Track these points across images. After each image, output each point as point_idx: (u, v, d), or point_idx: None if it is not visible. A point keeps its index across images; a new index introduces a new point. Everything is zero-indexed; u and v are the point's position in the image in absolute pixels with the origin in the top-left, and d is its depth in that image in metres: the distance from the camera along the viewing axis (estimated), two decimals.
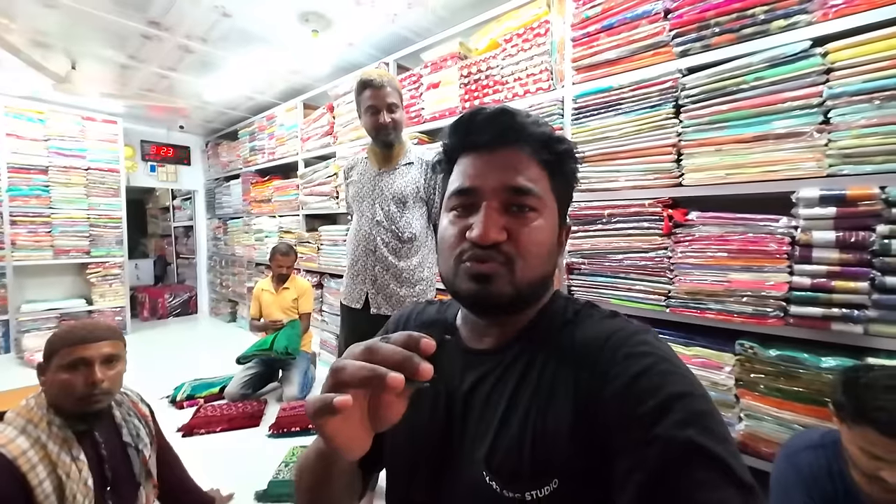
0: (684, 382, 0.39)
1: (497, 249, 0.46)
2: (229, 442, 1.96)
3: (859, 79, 1.07)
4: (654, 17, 1.39)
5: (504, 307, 0.48)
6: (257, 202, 3.71)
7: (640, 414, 0.37)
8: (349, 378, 0.32)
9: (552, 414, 0.43)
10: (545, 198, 0.49)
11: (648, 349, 0.42)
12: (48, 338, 0.96)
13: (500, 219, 0.47)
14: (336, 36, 2.32)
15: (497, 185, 0.47)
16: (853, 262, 1.08)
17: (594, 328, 0.47)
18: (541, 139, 0.49)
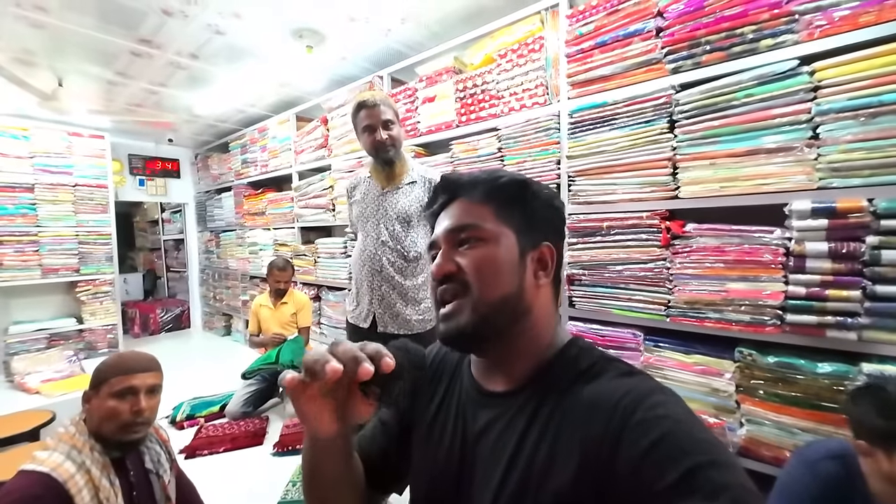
0: (705, 449, 0.37)
1: (452, 280, 0.52)
2: (233, 462, 1.95)
3: (845, 96, 1.12)
4: (647, 35, 1.43)
5: (470, 336, 0.51)
6: (251, 215, 3.68)
7: (661, 488, 0.36)
8: (341, 354, 0.41)
9: (556, 467, 0.44)
10: (489, 228, 0.53)
11: (663, 412, 0.40)
12: (97, 366, 1.03)
13: (451, 255, 0.54)
14: (329, 50, 2.33)
15: (443, 232, 0.56)
16: (845, 272, 1.12)
17: (607, 385, 0.46)
18: (472, 183, 0.56)
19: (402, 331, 1.40)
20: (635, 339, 1.51)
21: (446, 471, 0.54)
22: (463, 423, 0.55)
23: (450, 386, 0.61)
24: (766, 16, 1.22)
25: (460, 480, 0.53)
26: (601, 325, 1.60)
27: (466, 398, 0.57)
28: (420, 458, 0.59)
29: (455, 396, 0.59)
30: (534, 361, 0.53)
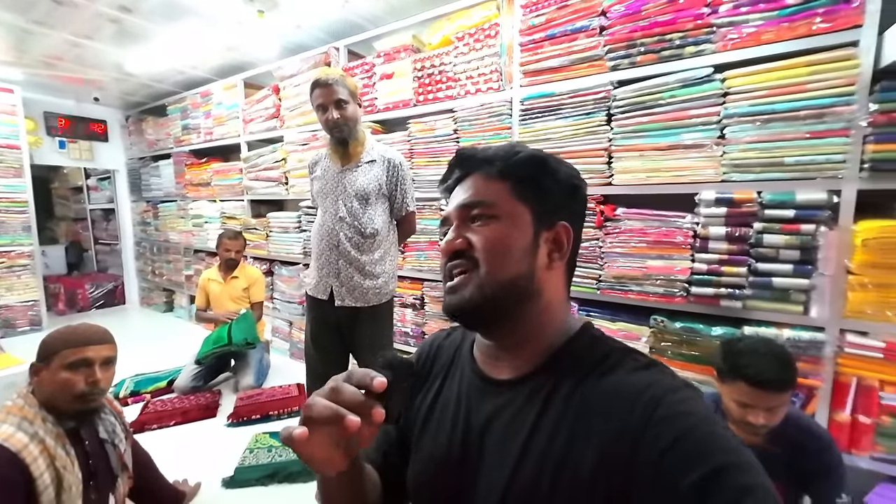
0: (728, 449, 0.36)
1: (463, 256, 0.51)
2: (186, 435, 1.95)
3: (747, 103, 1.31)
4: (591, 32, 1.55)
5: (474, 312, 0.50)
6: (194, 185, 3.48)
7: (683, 488, 0.35)
8: (316, 416, 0.39)
9: (572, 460, 0.42)
10: (503, 204, 0.51)
11: (686, 409, 0.40)
12: (44, 339, 1.01)
13: (462, 231, 0.52)
14: (283, 16, 2.24)
15: (456, 207, 0.54)
16: (737, 252, 1.35)
17: (627, 378, 0.44)
18: (487, 159, 0.54)
19: (359, 303, 1.47)
20: (571, 309, 1.70)
21: (448, 461, 0.53)
22: (466, 413, 0.53)
23: (447, 375, 0.60)
24: (690, 25, 1.38)
25: (464, 470, 0.51)
26: None
27: (469, 386, 0.55)
28: (418, 451, 0.58)
29: (455, 386, 0.57)
30: (543, 347, 0.51)
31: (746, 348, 1.02)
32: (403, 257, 2.20)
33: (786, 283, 1.29)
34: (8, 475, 0.85)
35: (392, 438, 0.63)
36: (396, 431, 0.62)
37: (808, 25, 1.22)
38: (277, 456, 1.72)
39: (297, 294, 2.79)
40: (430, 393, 0.60)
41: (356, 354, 1.60)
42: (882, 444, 1.23)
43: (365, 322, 1.50)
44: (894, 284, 1.17)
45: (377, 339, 1.54)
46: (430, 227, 2.07)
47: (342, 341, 1.55)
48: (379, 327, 1.55)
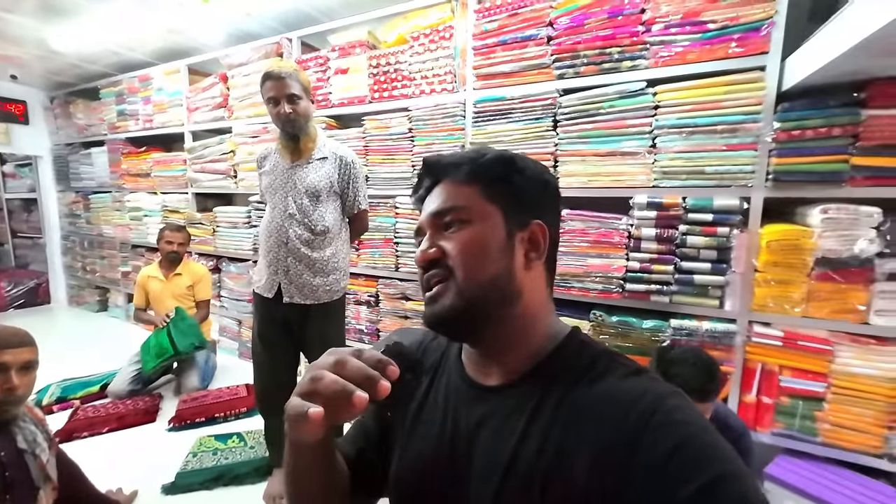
0: (725, 459, 0.37)
1: (438, 265, 0.50)
2: (122, 441, 1.84)
3: (673, 116, 1.44)
4: (540, 41, 1.62)
5: (456, 321, 0.49)
6: (132, 175, 3.25)
7: (682, 498, 0.35)
8: (323, 389, 0.37)
9: (563, 468, 0.42)
10: (474, 207, 0.51)
11: (683, 417, 0.39)
12: None
13: (435, 240, 0.51)
14: (231, 3, 2.14)
15: (427, 217, 0.53)
16: (665, 252, 1.48)
17: (619, 384, 0.44)
18: (455, 164, 0.53)
19: (308, 301, 1.46)
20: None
21: (436, 467, 0.52)
22: (454, 419, 0.52)
23: (435, 379, 0.58)
24: (627, 41, 1.48)
25: (452, 477, 0.50)
26: None
27: (457, 392, 0.54)
28: (404, 453, 0.56)
29: (442, 389, 0.56)
30: (531, 353, 0.50)
31: (677, 357, 1.12)
32: (358, 254, 2.19)
33: (704, 279, 1.44)
34: None
35: (371, 436, 0.61)
36: (376, 430, 0.61)
37: (726, 49, 1.36)
38: (223, 458, 1.68)
39: (245, 292, 2.69)
40: (417, 394, 0.58)
41: (306, 352, 1.58)
42: (781, 421, 1.41)
43: (316, 319, 1.49)
44: (792, 281, 1.34)
45: (329, 336, 1.53)
46: (385, 225, 2.08)
47: (291, 339, 1.53)
48: (331, 325, 1.54)
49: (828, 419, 1.34)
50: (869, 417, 1.29)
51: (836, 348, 1.31)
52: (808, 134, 1.26)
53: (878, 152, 1.21)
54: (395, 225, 2.06)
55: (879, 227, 1.23)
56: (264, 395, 1.57)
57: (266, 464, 1.64)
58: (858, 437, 1.31)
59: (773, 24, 1.29)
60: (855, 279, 1.27)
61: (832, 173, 1.26)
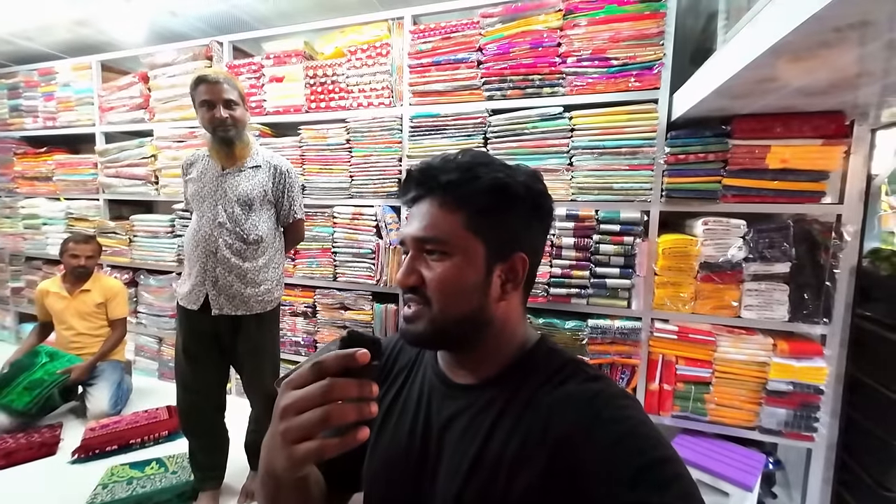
0: (661, 446, 0.43)
1: (415, 292, 0.52)
2: (12, 480, 1.62)
3: (587, 138, 1.63)
4: (470, 63, 1.75)
5: (427, 343, 0.53)
6: (27, 179, 2.88)
7: (622, 478, 0.40)
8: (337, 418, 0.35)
9: (525, 462, 0.46)
10: (456, 241, 0.50)
11: (629, 413, 0.45)
12: None
13: (416, 265, 0.52)
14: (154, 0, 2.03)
15: (410, 238, 0.53)
16: (582, 259, 1.66)
17: (579, 388, 0.49)
18: (445, 185, 0.51)
19: (240, 311, 1.42)
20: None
21: (407, 460, 0.54)
22: (427, 414, 0.55)
23: (409, 375, 0.61)
24: (547, 70, 1.65)
25: (422, 470, 0.53)
26: None
27: (431, 388, 0.57)
28: (376, 448, 0.58)
29: (417, 387, 0.59)
30: (502, 360, 0.54)
31: None
32: (294, 265, 2.15)
33: (615, 283, 1.62)
34: None
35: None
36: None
37: (626, 83, 1.57)
38: (140, 487, 1.55)
39: (167, 306, 2.50)
40: (391, 391, 0.61)
41: (237, 366, 1.53)
42: (678, 405, 1.62)
43: (249, 330, 1.45)
44: (682, 282, 1.57)
45: (263, 347, 1.50)
46: (323, 235, 2.07)
47: (219, 354, 1.47)
48: (264, 335, 1.50)
49: (713, 400, 1.57)
50: (743, 396, 1.54)
51: (718, 339, 1.54)
52: (691, 158, 1.50)
53: (742, 175, 1.47)
54: (332, 234, 2.05)
55: (745, 236, 1.48)
56: (190, 413, 1.49)
57: (190, 488, 1.54)
58: (737, 413, 1.55)
59: (662, 65, 1.52)
60: (729, 280, 1.52)
61: (709, 191, 1.50)
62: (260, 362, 1.50)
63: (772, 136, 1.41)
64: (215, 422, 1.55)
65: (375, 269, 1.98)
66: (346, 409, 0.35)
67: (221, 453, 1.57)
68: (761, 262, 1.47)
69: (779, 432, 1.50)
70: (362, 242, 1.99)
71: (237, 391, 2.31)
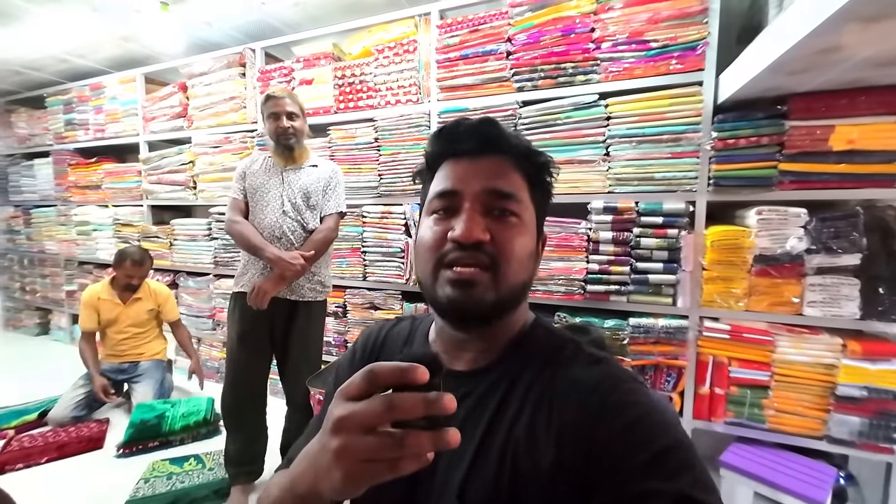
0: (674, 433, 0.40)
1: (480, 251, 0.45)
2: (63, 472, 1.69)
3: (624, 126, 1.54)
4: (499, 55, 1.70)
5: (485, 314, 0.47)
6: (80, 188, 3.07)
7: (633, 466, 0.38)
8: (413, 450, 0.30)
9: (532, 450, 0.43)
10: (526, 204, 0.49)
11: (637, 398, 0.43)
12: None
13: (483, 220, 0.46)
14: (191, 11, 2.11)
15: (480, 188, 0.47)
16: (621, 254, 1.56)
17: (583, 371, 0.46)
18: (521, 149, 0.50)
19: (294, 296, 1.53)
20: None
21: None
22: None
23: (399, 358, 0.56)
24: (580, 57, 1.58)
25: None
26: None
27: None
28: None
29: None
30: (503, 342, 0.51)
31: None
32: None
33: (658, 279, 1.52)
34: None
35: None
36: None
37: (667, 65, 1.48)
38: (179, 482, 1.58)
39: (206, 307, 2.58)
40: None
41: (285, 354, 1.59)
42: (732, 410, 1.49)
43: (300, 319, 1.55)
44: (734, 277, 1.45)
45: (310, 339, 1.60)
46: (352, 234, 2.07)
47: (270, 341, 1.57)
48: (313, 327, 1.60)
49: (773, 406, 1.43)
50: (808, 402, 1.40)
51: (776, 338, 1.41)
52: (741, 143, 1.38)
53: (800, 159, 1.34)
54: (362, 234, 2.05)
55: (806, 226, 1.35)
56: (235, 405, 1.56)
57: (226, 484, 1.55)
58: (800, 421, 1.41)
59: (706, 44, 1.42)
60: (788, 274, 1.39)
61: (763, 178, 1.38)
62: (306, 353, 1.59)
63: (836, 115, 1.28)
64: (258, 413, 1.62)
65: (405, 267, 1.95)
66: (422, 438, 0.30)
67: (259, 447, 1.61)
68: (826, 253, 1.34)
69: (851, 443, 1.35)
70: (391, 241, 1.98)
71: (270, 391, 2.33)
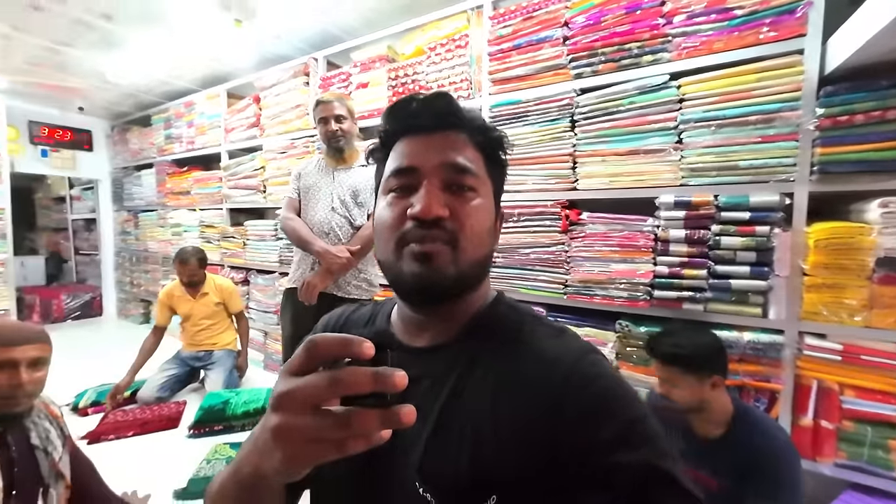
0: (634, 405, 0.41)
1: (440, 227, 0.45)
2: (143, 446, 1.87)
3: (700, 109, 1.34)
4: (555, 41, 1.59)
5: (447, 289, 0.46)
6: (174, 194, 3.47)
7: (600, 439, 0.38)
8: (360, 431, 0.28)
9: (494, 425, 0.42)
10: (483, 179, 0.49)
11: (600, 370, 0.43)
12: None
13: (442, 196, 0.46)
14: (262, 27, 2.28)
15: (438, 163, 0.46)
16: (696, 255, 1.36)
17: (544, 346, 0.46)
18: (475, 124, 0.50)
19: (340, 292, 1.57)
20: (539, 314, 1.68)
21: None
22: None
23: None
24: (647, 35, 1.42)
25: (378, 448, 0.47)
26: None
27: None
28: None
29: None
30: (464, 319, 0.50)
31: (666, 329, 1.16)
32: None
33: (743, 284, 1.29)
34: None
35: None
36: None
37: (756, 35, 1.26)
38: None
39: (272, 303, 2.74)
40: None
41: None
42: (845, 450, 1.21)
43: None
44: (847, 285, 1.18)
45: None
46: None
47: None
48: None
49: None
50: None
51: None
52: (859, 119, 1.13)
53: None
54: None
55: None
56: None
57: None
58: None
59: (810, 4, 1.19)
60: None
61: (889, 161, 1.11)
62: None
63: None
64: None
65: None
66: (369, 417, 0.28)
67: None
68: None
69: None
70: None
71: None
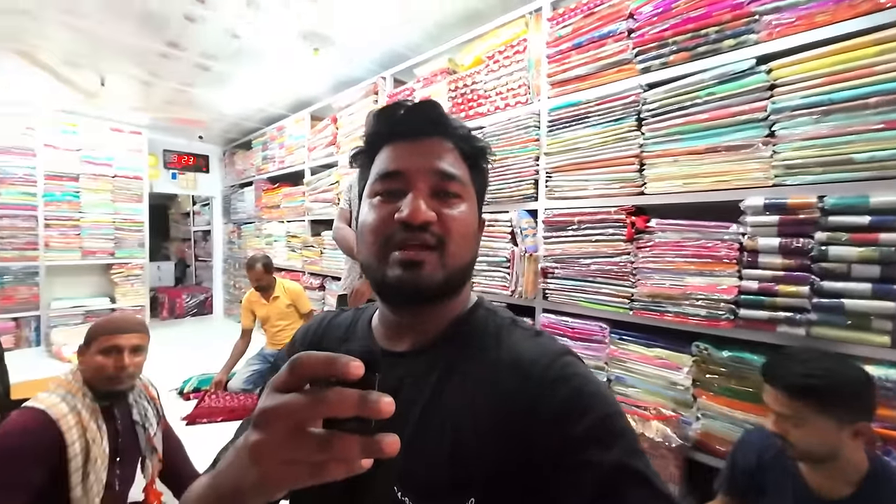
0: (606, 402, 0.42)
1: (427, 231, 0.45)
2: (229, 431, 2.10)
3: (799, 94, 1.13)
4: (619, 35, 1.48)
5: (433, 293, 0.47)
6: (268, 208, 3.91)
7: (572, 437, 0.40)
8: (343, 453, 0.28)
9: (472, 427, 0.43)
10: (468, 186, 0.50)
11: (574, 370, 0.45)
12: (91, 325, 1.14)
13: (430, 203, 0.46)
14: (336, 53, 2.49)
15: (426, 169, 0.47)
16: (795, 268, 1.13)
17: (520, 346, 0.48)
18: (461, 133, 0.51)
19: None
20: (602, 331, 1.54)
21: None
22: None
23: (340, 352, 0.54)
24: (728, 17, 1.25)
25: None
26: (571, 317, 1.64)
27: None
28: None
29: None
30: (444, 323, 0.51)
31: (792, 353, 0.90)
32: None
33: (863, 305, 1.04)
34: (46, 437, 0.98)
35: None
36: None
37: (874, 0, 1.03)
38: None
39: None
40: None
41: None
42: None
43: None
44: None
45: None
46: None
47: None
48: None
49: None
50: None
51: None
52: None
53: None
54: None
55: None
56: None
57: None
58: None
59: None
60: None
61: None
62: None
63: None
64: None
65: (510, 278, 1.83)
66: (351, 443, 0.27)
67: None
68: None
69: None
70: (497, 250, 1.88)
71: None
